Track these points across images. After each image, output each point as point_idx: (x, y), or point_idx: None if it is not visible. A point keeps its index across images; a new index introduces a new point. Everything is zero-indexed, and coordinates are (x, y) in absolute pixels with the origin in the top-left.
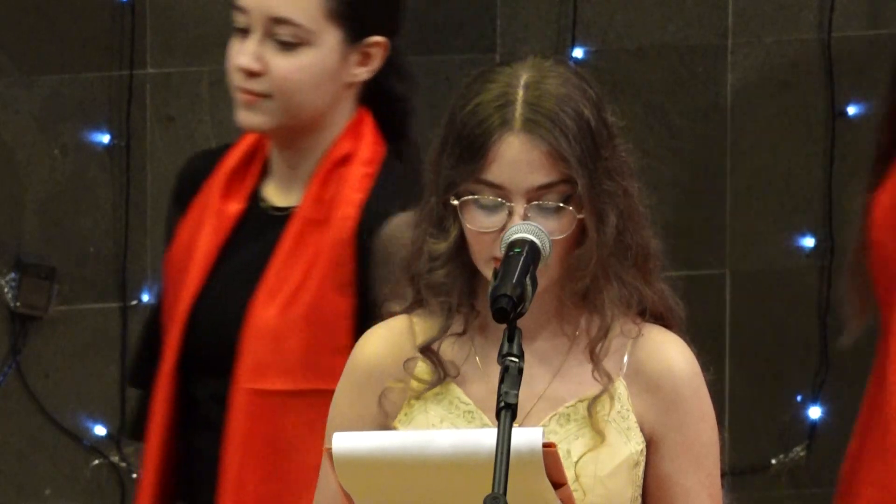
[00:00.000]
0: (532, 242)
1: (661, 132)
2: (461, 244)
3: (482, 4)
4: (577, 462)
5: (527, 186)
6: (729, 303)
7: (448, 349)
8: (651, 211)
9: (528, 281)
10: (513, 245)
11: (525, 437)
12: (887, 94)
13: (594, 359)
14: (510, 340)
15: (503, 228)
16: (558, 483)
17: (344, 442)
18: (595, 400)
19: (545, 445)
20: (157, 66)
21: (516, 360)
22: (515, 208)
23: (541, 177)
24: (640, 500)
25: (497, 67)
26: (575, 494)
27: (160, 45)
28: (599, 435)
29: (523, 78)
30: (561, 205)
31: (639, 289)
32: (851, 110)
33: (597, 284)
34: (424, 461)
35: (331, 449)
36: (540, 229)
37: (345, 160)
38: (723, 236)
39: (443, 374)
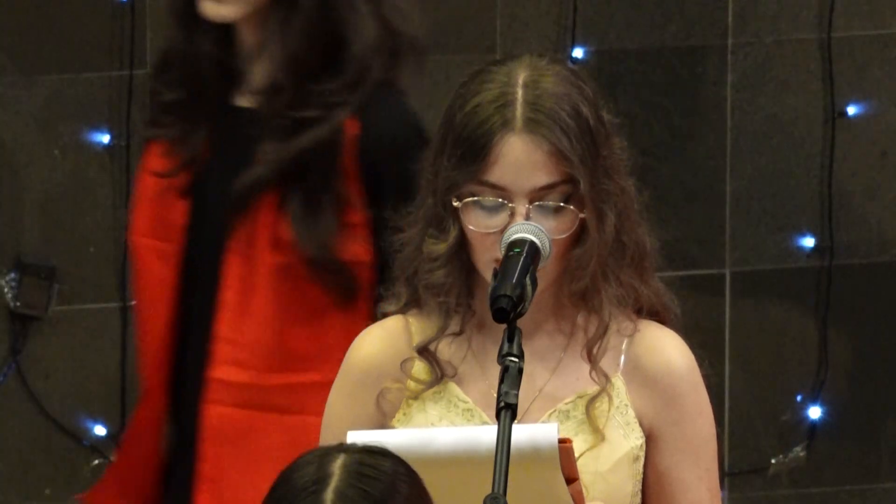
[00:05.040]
0: (532, 242)
1: (661, 132)
2: (460, 245)
3: (482, 4)
4: (577, 458)
5: (529, 187)
6: (729, 303)
7: (445, 349)
8: (651, 211)
9: (528, 281)
10: (513, 245)
11: (541, 432)
12: None
13: (591, 359)
14: (510, 340)
15: (505, 229)
16: (571, 478)
17: (361, 440)
18: (593, 400)
19: (561, 441)
20: None
21: (516, 360)
22: (517, 209)
23: (543, 177)
24: (640, 495)
25: (492, 67)
26: None
27: (160, 46)
28: (598, 434)
29: (521, 77)
30: (562, 204)
31: (635, 287)
32: (851, 110)
33: (595, 284)
34: (442, 458)
35: None
36: (540, 229)
37: None
38: (723, 236)
39: (440, 374)
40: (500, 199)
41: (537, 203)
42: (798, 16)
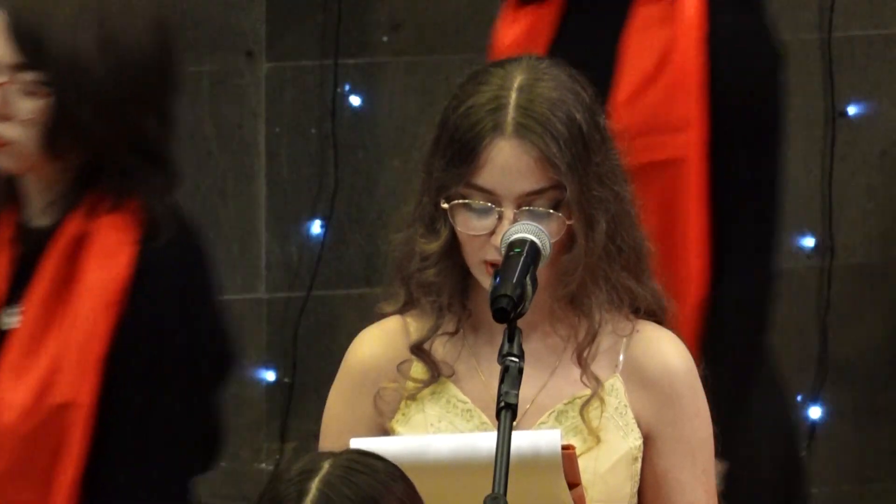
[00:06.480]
0: (532, 242)
1: None
2: (452, 245)
3: (482, 4)
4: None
5: (517, 192)
6: None
7: (440, 348)
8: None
9: (528, 281)
10: (513, 245)
11: (544, 439)
12: None
13: (581, 364)
14: (510, 340)
15: (493, 232)
16: (573, 483)
17: (363, 446)
18: (585, 404)
19: (564, 448)
20: None
21: (516, 360)
22: (505, 213)
23: (531, 183)
24: (637, 496)
25: (491, 68)
26: None
27: None
28: (593, 436)
29: (517, 80)
30: (551, 210)
31: (631, 289)
32: (851, 110)
33: (584, 289)
34: (442, 465)
35: None
36: (540, 229)
37: None
38: None
39: (436, 373)
40: (489, 203)
41: (525, 208)
42: (798, 16)
